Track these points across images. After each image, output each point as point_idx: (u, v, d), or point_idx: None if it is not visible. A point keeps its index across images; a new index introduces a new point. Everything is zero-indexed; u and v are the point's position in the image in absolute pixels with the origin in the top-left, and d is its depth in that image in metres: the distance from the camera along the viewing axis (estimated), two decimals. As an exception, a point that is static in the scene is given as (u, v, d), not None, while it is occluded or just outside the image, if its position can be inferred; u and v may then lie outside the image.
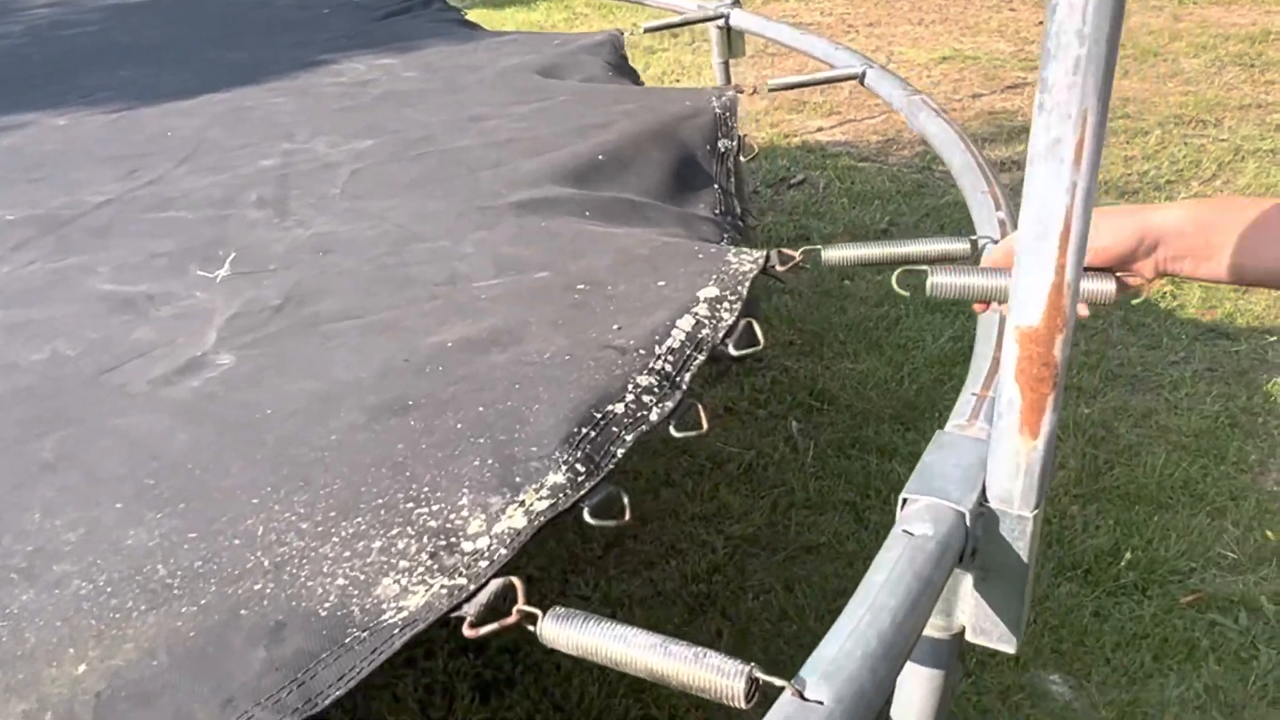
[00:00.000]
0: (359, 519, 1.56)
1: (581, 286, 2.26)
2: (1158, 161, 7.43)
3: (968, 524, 1.45)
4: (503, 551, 1.47)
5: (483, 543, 1.50)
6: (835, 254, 2.28)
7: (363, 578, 1.44)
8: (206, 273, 2.51)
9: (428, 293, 2.31)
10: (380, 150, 3.37)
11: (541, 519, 1.53)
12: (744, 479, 4.51)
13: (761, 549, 4.23)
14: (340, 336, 2.14)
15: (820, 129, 8.61)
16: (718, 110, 3.45)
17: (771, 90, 3.69)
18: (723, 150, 3.32)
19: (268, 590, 1.43)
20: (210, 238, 2.75)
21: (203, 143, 3.62)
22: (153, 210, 3.01)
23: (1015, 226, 2.30)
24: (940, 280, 1.71)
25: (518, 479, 1.62)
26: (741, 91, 3.58)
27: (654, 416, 1.82)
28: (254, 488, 1.66)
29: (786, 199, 7.32)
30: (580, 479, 1.63)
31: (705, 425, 1.80)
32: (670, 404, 1.86)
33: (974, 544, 1.49)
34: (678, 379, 1.92)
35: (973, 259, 2.22)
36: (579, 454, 1.68)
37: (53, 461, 1.78)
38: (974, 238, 2.26)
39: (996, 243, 2.23)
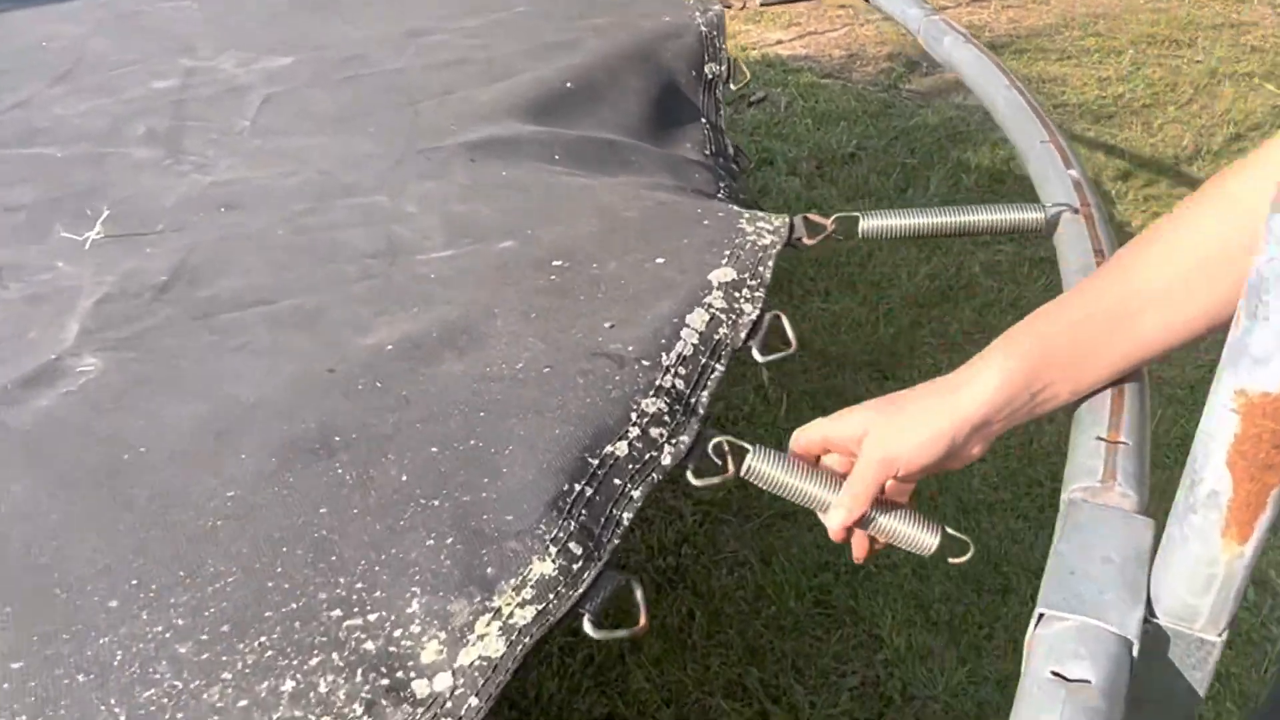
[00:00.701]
0: (263, 638, 1.09)
1: (557, 263, 1.77)
2: (1133, 84, 7.04)
3: (1134, 655, 1.03)
4: (473, 702, 1.01)
5: (442, 683, 1.04)
6: (875, 223, 1.82)
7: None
8: (74, 234, 1.96)
9: (359, 268, 1.80)
10: (300, 71, 2.79)
11: (526, 641, 1.07)
12: (714, 438, 4.09)
13: (733, 515, 3.84)
14: (243, 333, 1.63)
15: (780, 41, 8.04)
16: (703, 28, 2.92)
17: (764, 6, 3.16)
18: (709, 77, 2.80)
19: (123, 771, 0.96)
20: (84, 185, 2.18)
21: (84, 56, 3.00)
22: (14, 144, 2.42)
23: (1091, 190, 1.85)
24: (759, 468, 1.30)
25: (489, 570, 1.15)
26: (729, 7, 3.05)
27: (666, 459, 1.36)
28: (113, 582, 1.17)
29: (746, 118, 6.80)
30: (577, 566, 1.17)
31: (732, 469, 1.35)
32: (686, 438, 1.40)
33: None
34: (693, 401, 1.46)
35: (1047, 231, 1.78)
36: (573, 525, 1.22)
37: None
38: (1048, 207, 1.81)
39: (1075, 211, 1.78)
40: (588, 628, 1.12)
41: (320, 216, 1.99)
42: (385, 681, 1.03)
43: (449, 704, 1.01)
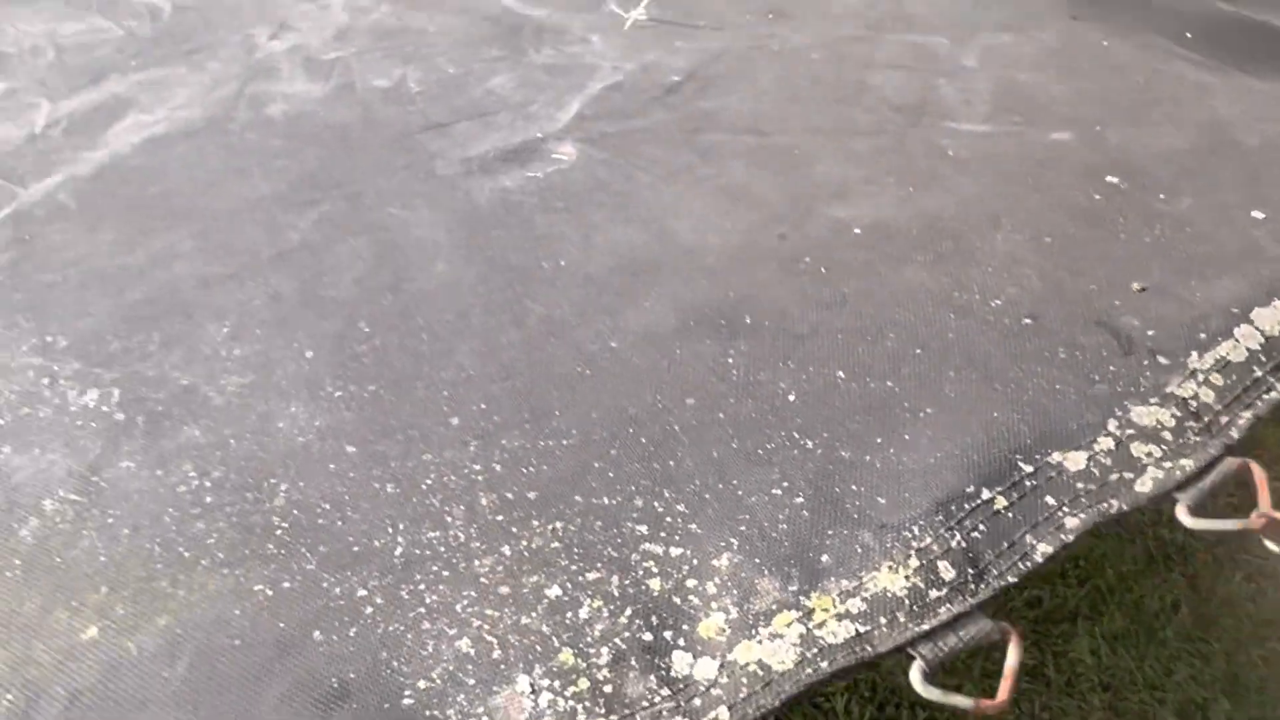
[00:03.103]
0: (559, 523, 0.97)
1: (1112, 179, 1.36)
2: None
3: None
4: (721, 714, 0.81)
5: (704, 671, 0.84)
6: None
7: (496, 655, 0.87)
8: (621, 10, 1.89)
9: (873, 120, 1.52)
10: None
11: (821, 668, 0.84)
12: None
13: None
14: (721, 160, 1.46)
15: None
16: None
17: None
18: None
19: (367, 610, 0.91)
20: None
21: None
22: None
23: None
24: None
25: (824, 557, 0.92)
26: None
27: (1145, 486, 1.00)
28: (464, 400, 1.11)
29: None
30: (935, 594, 0.90)
31: (1264, 509, 0.94)
32: (1189, 463, 1.02)
33: None
34: (1223, 422, 1.05)
35: None
36: (957, 539, 0.93)
37: (291, 249, 1.35)
38: None
39: None
40: (915, 679, 0.85)
41: (864, 47, 1.72)
42: (647, 636, 0.87)
43: (696, 701, 0.82)
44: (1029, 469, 0.99)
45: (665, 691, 0.84)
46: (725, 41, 1.77)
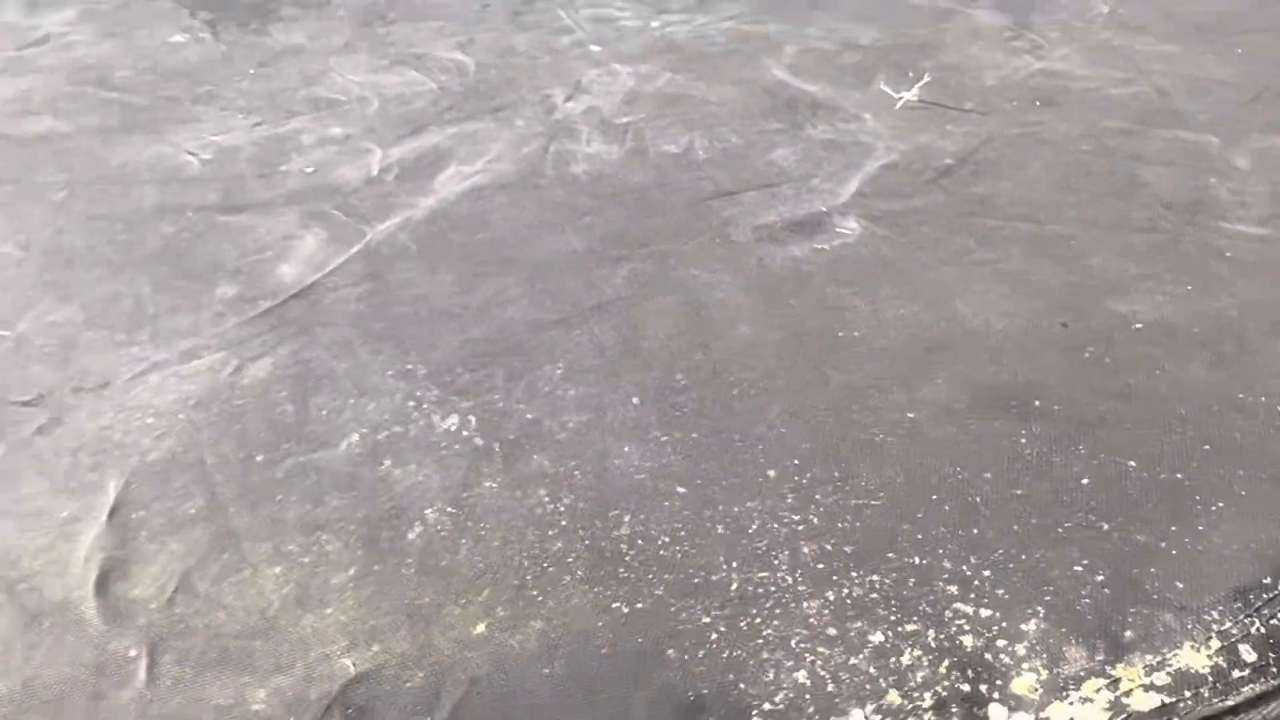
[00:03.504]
0: (876, 577, 1.09)
1: (1398, 291, 1.40)
2: None
3: None
4: (1042, 766, 0.91)
5: (1021, 726, 0.95)
6: None
7: (830, 689, 0.99)
8: (890, 90, 2.02)
9: (1146, 216, 1.60)
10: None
11: (1131, 736, 0.93)
12: None
13: None
14: (999, 247, 1.56)
15: None
16: None
17: None
18: None
19: (713, 635, 1.05)
20: (922, 39, 2.21)
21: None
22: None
23: None
24: None
25: (1128, 633, 1.01)
26: None
27: None
28: (778, 455, 1.24)
29: None
30: (1237, 675, 0.98)
31: None
32: None
33: None
34: None
35: None
36: (1256, 625, 1.01)
37: (609, 302, 1.52)
38: None
39: None
40: (1216, 755, 0.93)
41: (1133, 141, 1.79)
42: (965, 687, 0.98)
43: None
44: (1324, 570, 1.06)
45: None
46: (993, 127, 1.87)
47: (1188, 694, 0.97)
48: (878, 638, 1.04)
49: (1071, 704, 0.96)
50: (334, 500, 1.24)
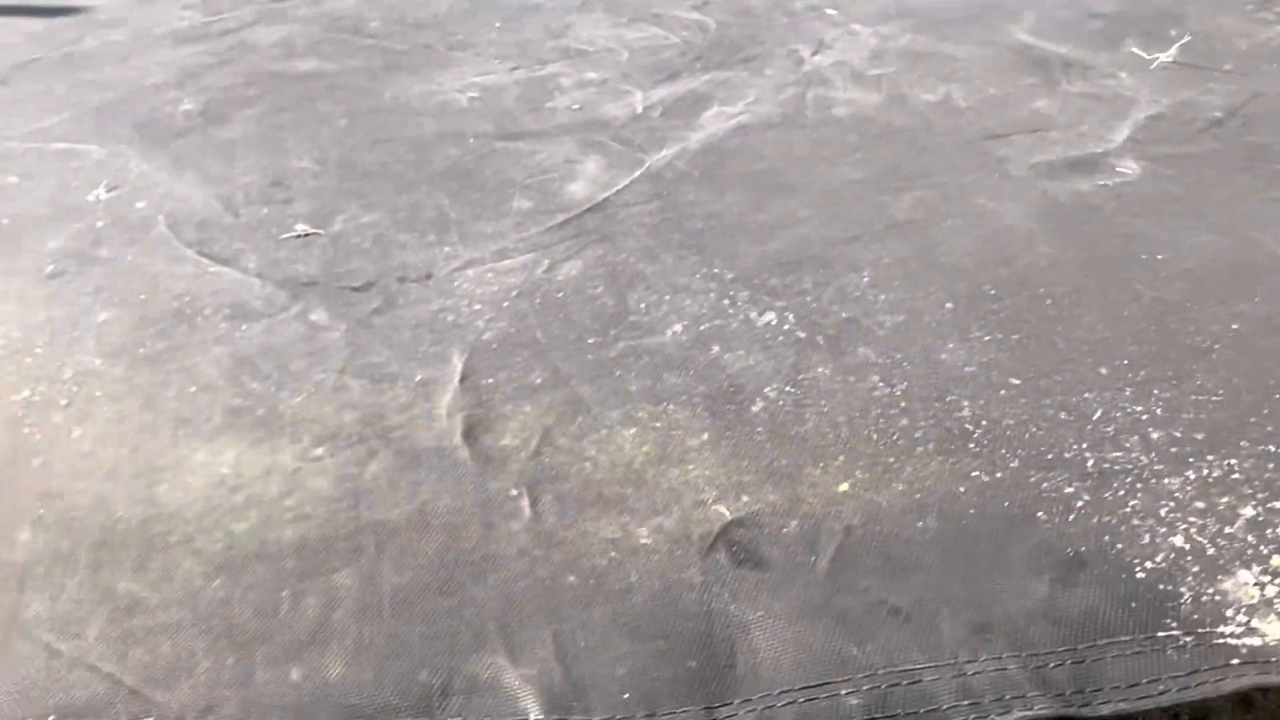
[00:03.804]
0: (1233, 460, 1.11)
1: None
2: None
3: None
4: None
5: (1270, 632, 0.96)
6: None
7: (1211, 553, 1.02)
8: (1143, 51, 2.03)
9: None
10: None
11: None
12: None
13: None
14: (1286, 188, 1.57)
15: None
16: None
17: None
18: None
19: (1078, 503, 1.08)
20: (1162, 7, 2.23)
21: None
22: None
23: None
24: None
25: None
26: None
27: None
28: (1106, 355, 1.28)
29: None
30: None
31: None
32: None
33: None
34: None
35: None
36: None
37: (900, 223, 1.57)
38: None
39: None
40: None
41: None
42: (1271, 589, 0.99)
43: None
44: None
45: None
46: (1257, 85, 1.88)
47: None
48: (1248, 511, 1.06)
49: None
50: (671, 378, 1.30)
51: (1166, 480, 1.10)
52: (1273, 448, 1.13)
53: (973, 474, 1.13)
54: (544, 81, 2.13)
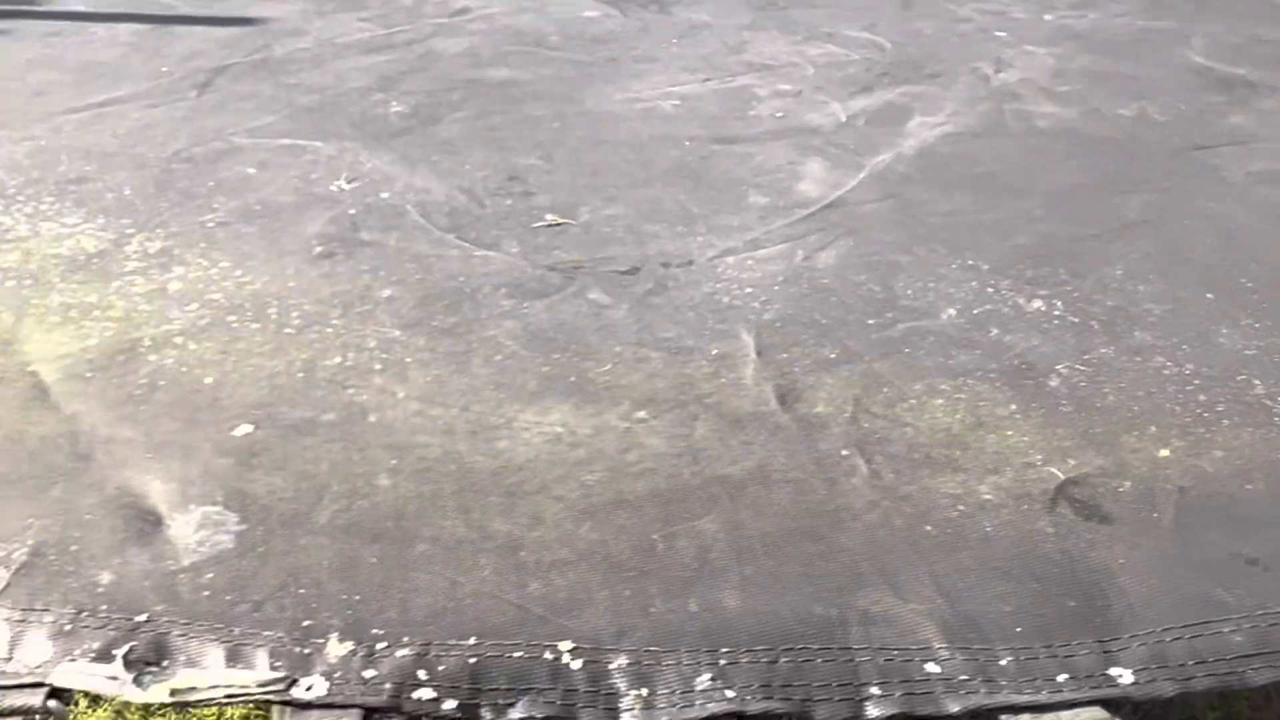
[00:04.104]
0: None
1: None
2: None
3: None
4: None
5: None
6: None
7: None
8: (1321, 73, 2.12)
9: None
10: None
11: None
12: None
13: None
14: None
15: None
16: None
17: None
18: None
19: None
20: (1325, 35, 2.33)
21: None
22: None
23: None
24: None
25: None
26: None
27: None
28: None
29: None
30: None
31: None
32: None
33: None
34: None
35: None
36: None
37: (1135, 223, 1.65)
38: None
39: None
40: None
41: None
42: None
43: None
44: None
45: None
46: None
47: None
48: None
49: None
50: (961, 355, 1.38)
51: None
52: None
53: (1286, 445, 1.20)
54: (739, 92, 2.22)
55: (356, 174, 1.94)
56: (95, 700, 1.22)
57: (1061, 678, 0.96)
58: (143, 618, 1.02)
